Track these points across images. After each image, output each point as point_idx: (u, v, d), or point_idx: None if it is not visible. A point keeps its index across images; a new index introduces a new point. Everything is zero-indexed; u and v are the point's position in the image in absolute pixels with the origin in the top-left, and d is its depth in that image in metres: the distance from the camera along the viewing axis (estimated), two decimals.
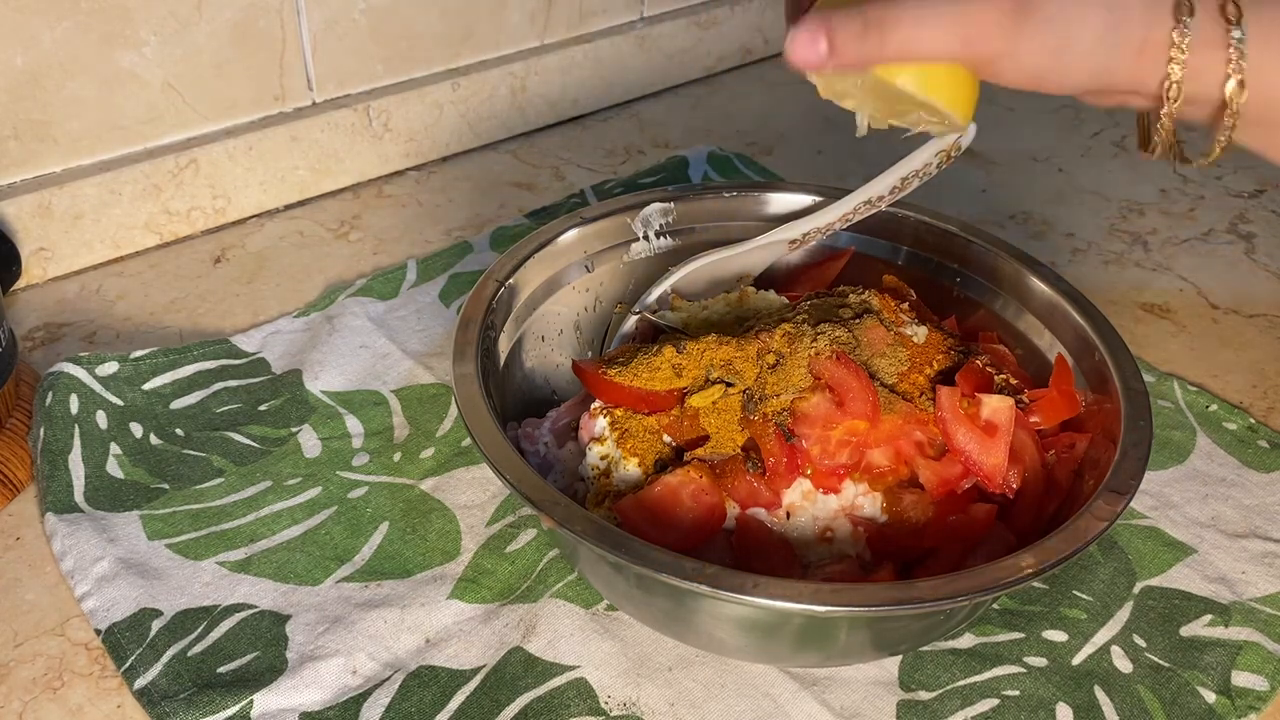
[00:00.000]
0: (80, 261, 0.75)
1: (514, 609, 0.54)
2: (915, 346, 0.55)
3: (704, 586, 0.43)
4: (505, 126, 0.92)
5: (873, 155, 0.93)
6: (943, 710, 0.50)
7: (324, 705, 0.49)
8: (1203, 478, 0.62)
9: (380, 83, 0.85)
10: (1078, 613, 0.55)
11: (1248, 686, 0.51)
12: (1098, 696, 0.51)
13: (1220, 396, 0.68)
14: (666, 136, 0.94)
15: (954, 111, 0.46)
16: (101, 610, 0.52)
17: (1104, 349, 0.56)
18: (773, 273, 0.65)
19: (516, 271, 0.60)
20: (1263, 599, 0.56)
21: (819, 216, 0.63)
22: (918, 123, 0.49)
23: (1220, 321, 0.75)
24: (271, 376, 0.66)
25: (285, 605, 0.53)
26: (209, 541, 0.56)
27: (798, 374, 0.52)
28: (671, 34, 0.98)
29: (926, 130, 0.50)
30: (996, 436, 0.51)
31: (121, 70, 0.73)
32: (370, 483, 0.60)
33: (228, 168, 0.78)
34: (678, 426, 0.52)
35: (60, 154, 0.73)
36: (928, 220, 0.65)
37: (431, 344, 0.69)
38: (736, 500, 0.51)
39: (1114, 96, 0.47)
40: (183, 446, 0.61)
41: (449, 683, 0.50)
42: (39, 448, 0.60)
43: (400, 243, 0.80)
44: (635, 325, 0.62)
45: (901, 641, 0.51)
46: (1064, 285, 0.60)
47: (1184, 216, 0.86)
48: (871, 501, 0.51)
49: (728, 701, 0.50)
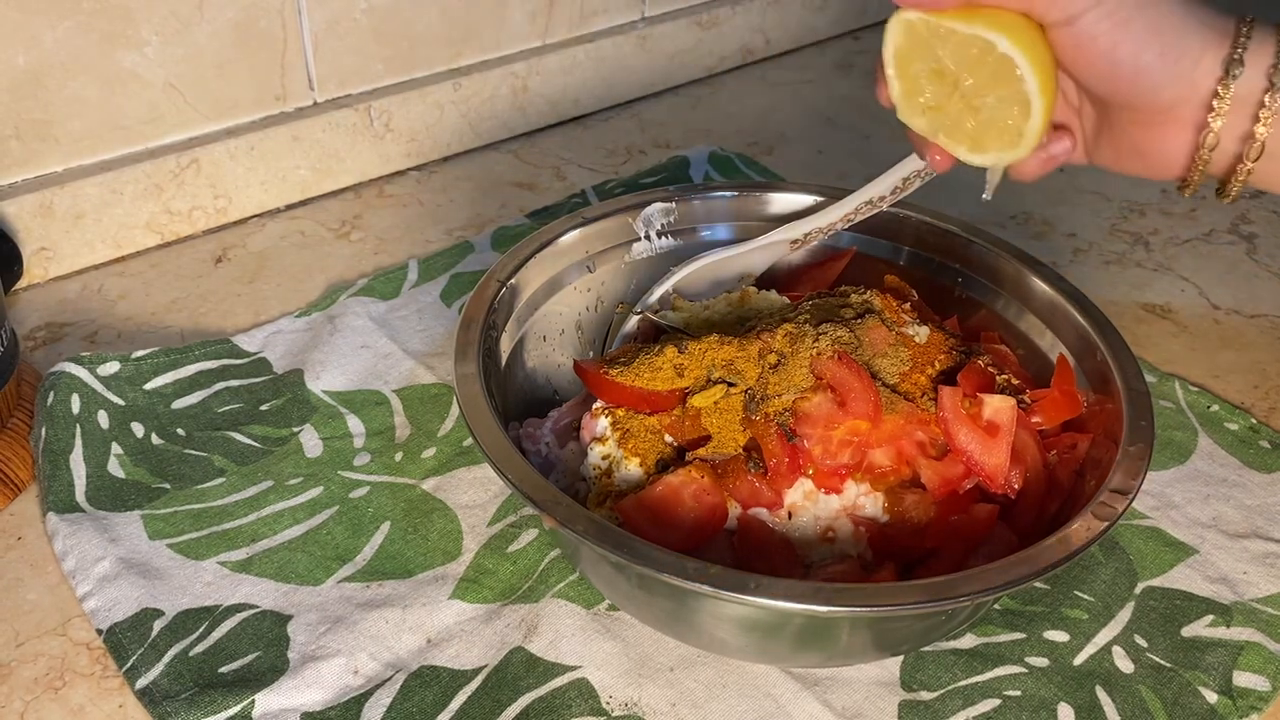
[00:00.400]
0: (82, 261, 0.75)
1: (515, 609, 0.54)
2: (917, 347, 0.55)
3: (706, 587, 0.43)
4: (506, 126, 0.92)
5: (874, 156, 0.94)
6: (944, 710, 0.50)
7: (325, 705, 0.49)
8: (1204, 478, 0.62)
9: (381, 82, 0.85)
10: (1079, 613, 0.55)
11: (1249, 687, 0.51)
12: (1099, 697, 0.51)
13: (1222, 397, 0.68)
14: (668, 136, 0.94)
15: (1035, 77, 0.47)
16: (103, 610, 0.52)
17: (1105, 349, 0.56)
18: (774, 273, 0.65)
19: (518, 271, 0.60)
20: (1264, 599, 0.56)
21: (820, 217, 0.63)
22: (998, 137, 0.50)
23: (1222, 322, 0.75)
24: (273, 376, 0.66)
25: (287, 605, 0.53)
26: (210, 541, 0.56)
27: (799, 374, 0.52)
28: (673, 34, 0.98)
29: (999, 160, 0.51)
30: (998, 437, 0.51)
31: (123, 70, 0.73)
32: (372, 482, 0.60)
33: (229, 167, 0.79)
34: (679, 426, 0.52)
35: (62, 154, 0.73)
36: (929, 220, 0.65)
37: (433, 344, 0.70)
38: (738, 500, 0.51)
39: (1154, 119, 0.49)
40: (184, 446, 0.61)
41: (450, 683, 0.50)
42: (40, 447, 0.60)
43: (401, 242, 0.80)
44: (637, 325, 0.62)
45: (903, 642, 0.51)
46: (1065, 285, 0.60)
47: (1185, 217, 0.86)
48: (873, 501, 0.51)
49: (729, 702, 0.50)
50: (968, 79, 0.49)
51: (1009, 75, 0.47)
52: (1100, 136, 0.52)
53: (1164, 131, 0.49)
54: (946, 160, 0.54)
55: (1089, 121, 0.52)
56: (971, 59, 0.48)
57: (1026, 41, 0.47)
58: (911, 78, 0.51)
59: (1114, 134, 0.51)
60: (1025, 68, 0.47)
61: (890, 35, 0.50)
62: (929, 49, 0.49)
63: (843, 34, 1.13)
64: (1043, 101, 0.48)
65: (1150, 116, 0.48)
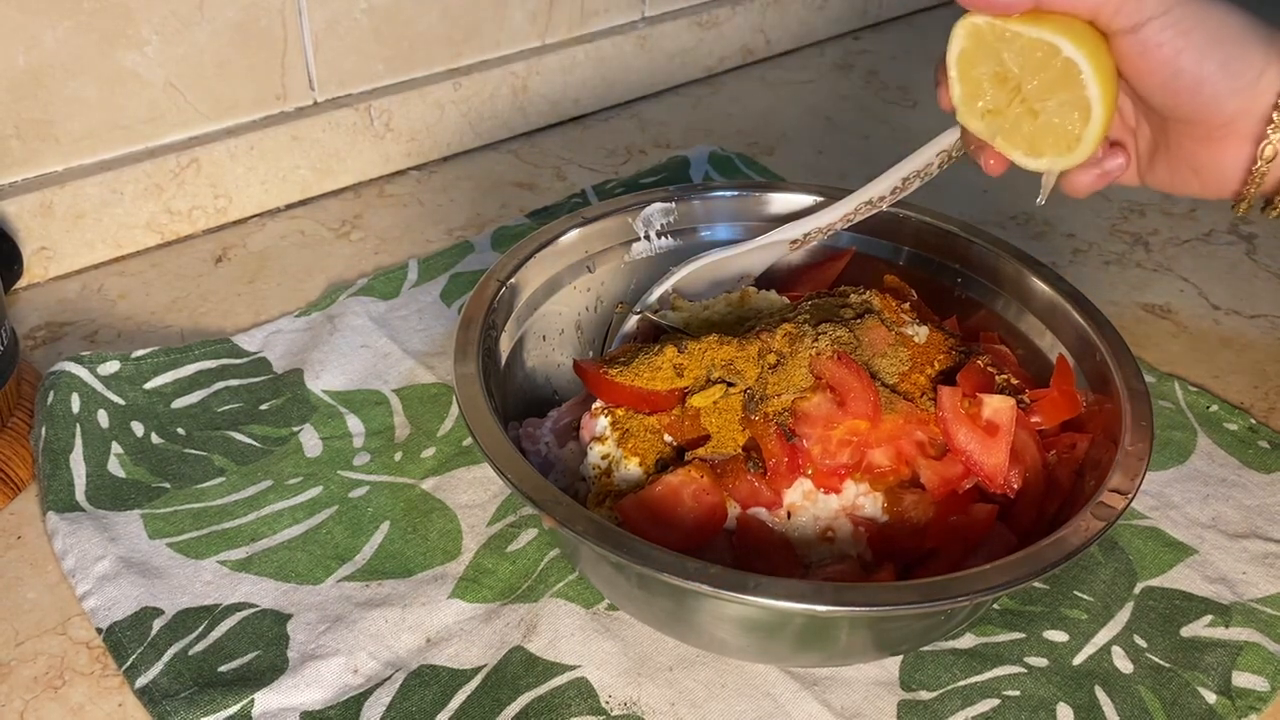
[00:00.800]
0: (82, 261, 0.75)
1: (515, 608, 0.54)
2: (916, 347, 0.55)
3: (705, 586, 0.43)
4: (507, 126, 0.92)
5: (874, 156, 0.94)
6: (943, 710, 0.50)
7: (325, 704, 0.49)
8: (1203, 478, 0.62)
9: (382, 82, 0.85)
10: (1078, 613, 0.55)
11: (1248, 687, 0.51)
12: (1098, 697, 0.51)
13: (1221, 397, 0.68)
14: (668, 136, 0.94)
15: (1098, 82, 0.48)
16: (103, 609, 0.52)
17: (1105, 349, 0.56)
18: (774, 273, 0.65)
19: (518, 271, 0.60)
20: (1263, 600, 0.56)
21: (820, 216, 0.63)
22: (1056, 139, 0.51)
23: (1221, 322, 0.75)
24: (273, 376, 0.66)
25: (286, 604, 0.53)
26: (210, 540, 0.56)
27: (799, 374, 0.52)
28: (673, 34, 0.98)
29: (1054, 165, 0.51)
30: (998, 436, 0.51)
31: (123, 70, 0.73)
32: (371, 482, 0.60)
33: (229, 167, 0.79)
34: (679, 426, 0.52)
35: (62, 153, 0.73)
36: (929, 221, 0.65)
37: (433, 343, 0.70)
38: (737, 500, 0.51)
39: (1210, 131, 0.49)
40: (184, 446, 0.61)
41: (450, 682, 0.50)
42: (40, 447, 0.60)
43: (401, 242, 0.80)
44: (636, 325, 0.62)
45: (902, 641, 0.51)
46: (1065, 286, 0.60)
47: (1185, 217, 0.86)
48: (872, 501, 0.51)
49: (728, 701, 0.50)
50: (1030, 82, 0.49)
51: (1072, 79, 0.48)
52: (1156, 156, 0.52)
53: (1222, 146, 0.49)
54: (1000, 164, 0.54)
55: (1144, 142, 0.52)
56: (1036, 62, 0.49)
57: (1090, 47, 0.48)
58: (973, 81, 0.51)
59: (1170, 153, 0.51)
60: (1089, 72, 0.47)
61: (955, 38, 0.51)
62: (993, 52, 0.50)
63: (843, 34, 1.13)
64: (1103, 107, 0.48)
65: (1209, 130, 0.49)
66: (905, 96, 1.02)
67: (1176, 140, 0.50)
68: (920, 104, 1.01)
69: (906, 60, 1.08)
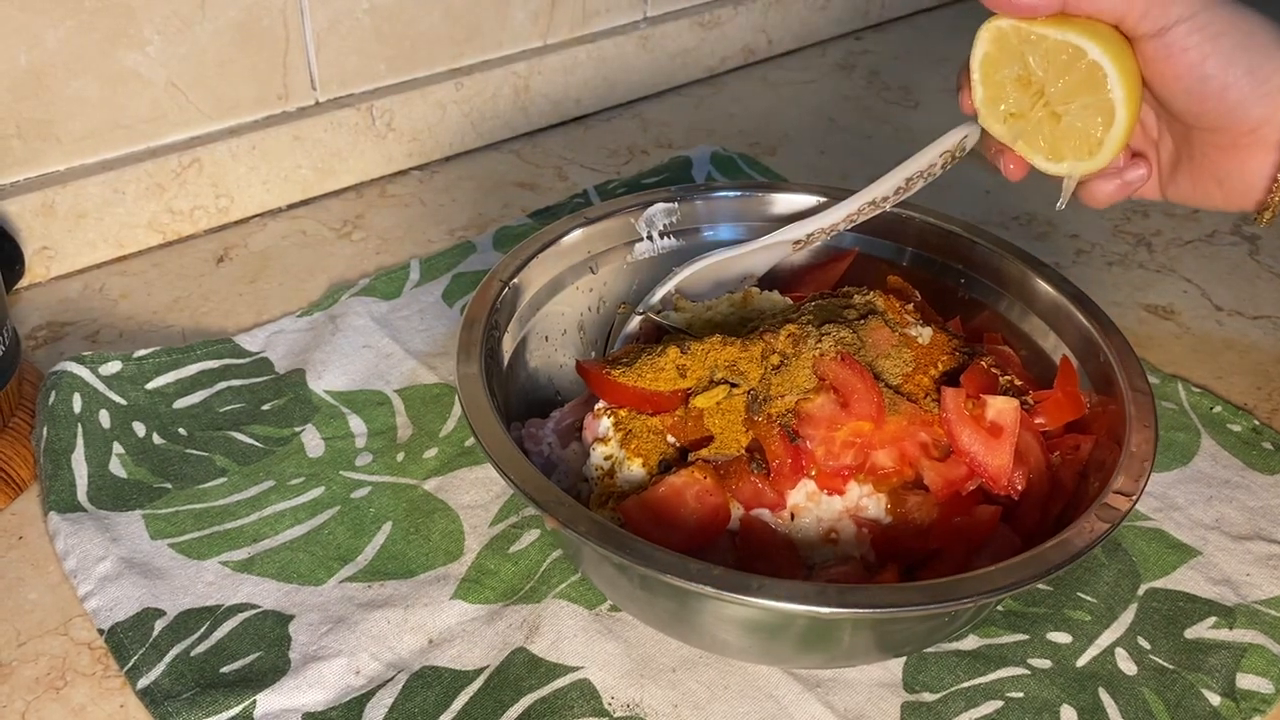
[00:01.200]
0: (83, 260, 0.75)
1: (517, 609, 0.54)
2: (920, 347, 0.55)
3: (708, 588, 0.43)
4: (508, 126, 0.92)
5: (877, 156, 0.94)
6: (947, 712, 0.50)
7: (327, 705, 0.49)
8: (1207, 480, 0.62)
9: (383, 82, 0.85)
10: (1082, 615, 0.55)
11: (1252, 689, 0.51)
12: (1102, 699, 0.51)
13: (1224, 398, 0.68)
14: (670, 137, 0.94)
15: (1122, 86, 0.48)
16: (104, 610, 0.52)
17: (1109, 350, 0.56)
18: (777, 273, 0.65)
19: (520, 271, 0.60)
20: (1267, 601, 0.55)
21: (823, 217, 0.63)
22: (1077, 143, 0.51)
23: (1224, 323, 0.75)
24: (274, 376, 0.66)
25: (288, 605, 0.53)
26: (212, 541, 0.56)
27: (802, 375, 0.52)
28: (675, 34, 0.98)
29: (1075, 169, 0.51)
30: (1001, 438, 0.51)
31: (125, 69, 0.73)
32: (373, 483, 0.60)
33: (231, 167, 0.78)
34: (682, 427, 0.52)
35: (63, 153, 0.73)
36: (932, 221, 0.65)
37: (435, 344, 0.69)
38: (741, 501, 0.51)
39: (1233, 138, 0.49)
40: (186, 446, 0.61)
41: (452, 683, 0.50)
42: (42, 447, 0.60)
43: (403, 242, 0.80)
44: (639, 326, 0.62)
45: (906, 643, 0.51)
46: (1069, 287, 0.60)
47: (1188, 218, 0.86)
48: (876, 503, 0.51)
49: (731, 703, 0.50)
50: (1054, 85, 0.49)
51: (1097, 82, 0.48)
52: (1178, 168, 0.52)
53: (1247, 155, 0.49)
54: (1021, 168, 0.54)
55: (1166, 154, 0.52)
56: (1060, 65, 0.49)
57: (1115, 51, 0.48)
58: (996, 84, 0.51)
59: (1193, 163, 0.51)
60: (1113, 76, 0.47)
61: (980, 42, 0.51)
62: (1018, 55, 0.50)
63: (845, 34, 1.12)
64: (1126, 111, 0.48)
65: (1234, 138, 0.48)
66: (907, 97, 1.02)
67: (1200, 149, 0.50)
68: (922, 104, 1.01)
69: (909, 60, 1.08)
